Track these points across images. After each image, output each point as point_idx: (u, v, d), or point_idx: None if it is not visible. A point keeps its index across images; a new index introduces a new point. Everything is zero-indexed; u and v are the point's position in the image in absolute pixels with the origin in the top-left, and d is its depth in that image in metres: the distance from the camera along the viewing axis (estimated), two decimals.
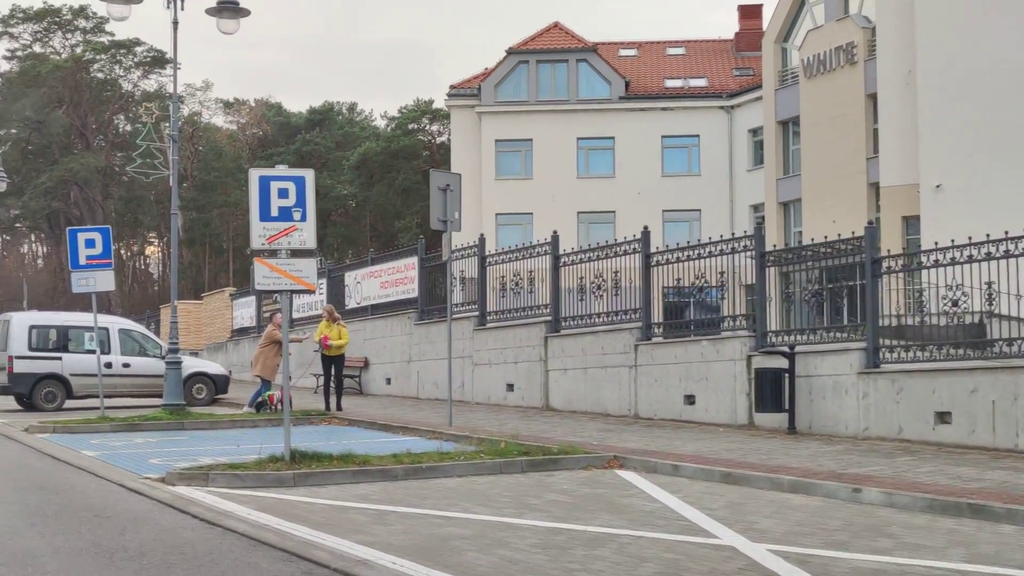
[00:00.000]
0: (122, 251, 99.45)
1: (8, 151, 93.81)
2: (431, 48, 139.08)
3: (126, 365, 28.73)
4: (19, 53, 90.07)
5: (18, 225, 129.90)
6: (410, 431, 19.62)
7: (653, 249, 20.86)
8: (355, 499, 12.30)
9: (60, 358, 28.25)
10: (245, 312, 39.71)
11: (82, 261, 22.92)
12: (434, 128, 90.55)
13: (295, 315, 33.67)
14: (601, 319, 21.81)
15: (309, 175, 14.76)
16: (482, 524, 10.58)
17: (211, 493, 12.71)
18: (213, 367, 30.73)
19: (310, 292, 15.64)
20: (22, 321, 28.54)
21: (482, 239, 26.16)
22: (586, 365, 22.00)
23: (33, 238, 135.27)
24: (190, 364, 29.68)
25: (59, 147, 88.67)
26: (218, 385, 30.02)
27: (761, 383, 17.55)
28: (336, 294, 31.96)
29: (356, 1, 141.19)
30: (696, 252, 19.69)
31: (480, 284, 25.44)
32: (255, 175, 14.61)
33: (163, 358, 28.09)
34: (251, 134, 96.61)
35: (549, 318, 23.17)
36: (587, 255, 22.31)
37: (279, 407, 24.78)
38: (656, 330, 20.83)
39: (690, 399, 19.64)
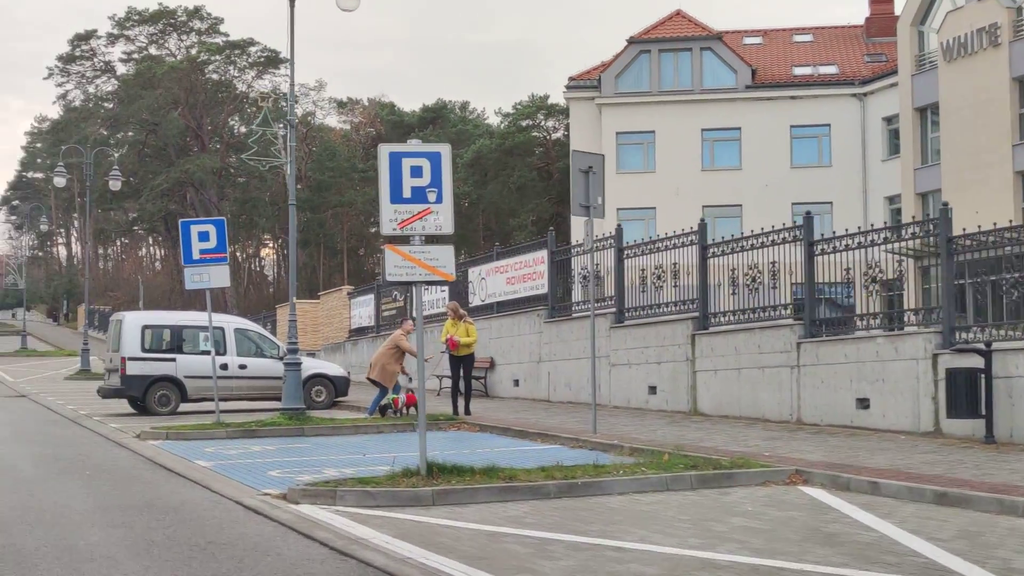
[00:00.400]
0: (238, 253, 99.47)
1: (125, 153, 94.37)
2: (542, 47, 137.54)
3: (242, 367, 27.37)
4: (135, 56, 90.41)
5: (136, 228, 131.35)
6: (550, 438, 17.79)
7: (816, 237, 18.77)
8: (506, 523, 10.49)
9: (174, 359, 26.99)
10: (363, 311, 38.29)
11: (195, 255, 21.50)
12: (549, 124, 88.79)
13: (414, 315, 32.05)
14: (756, 315, 19.74)
15: (445, 150, 13.05)
16: (670, 560, 8.67)
17: (339, 514, 11.02)
18: (332, 368, 29.23)
19: (446, 283, 13.85)
20: (135, 321, 27.36)
21: (619, 229, 24.22)
22: (739, 365, 19.95)
23: (151, 241, 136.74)
24: (309, 365, 28.24)
25: (175, 149, 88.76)
26: (337, 387, 28.53)
27: (953, 385, 15.35)
28: (458, 291, 30.28)
29: (466, 3, 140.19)
30: (868, 239, 17.55)
31: (617, 277, 23.52)
32: (385, 151, 12.91)
33: (281, 359, 26.75)
34: (364, 133, 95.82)
35: (696, 314, 21.16)
36: (739, 244, 20.27)
37: (405, 411, 23.15)
38: (819, 327, 18.70)
39: (863, 403, 17.49)
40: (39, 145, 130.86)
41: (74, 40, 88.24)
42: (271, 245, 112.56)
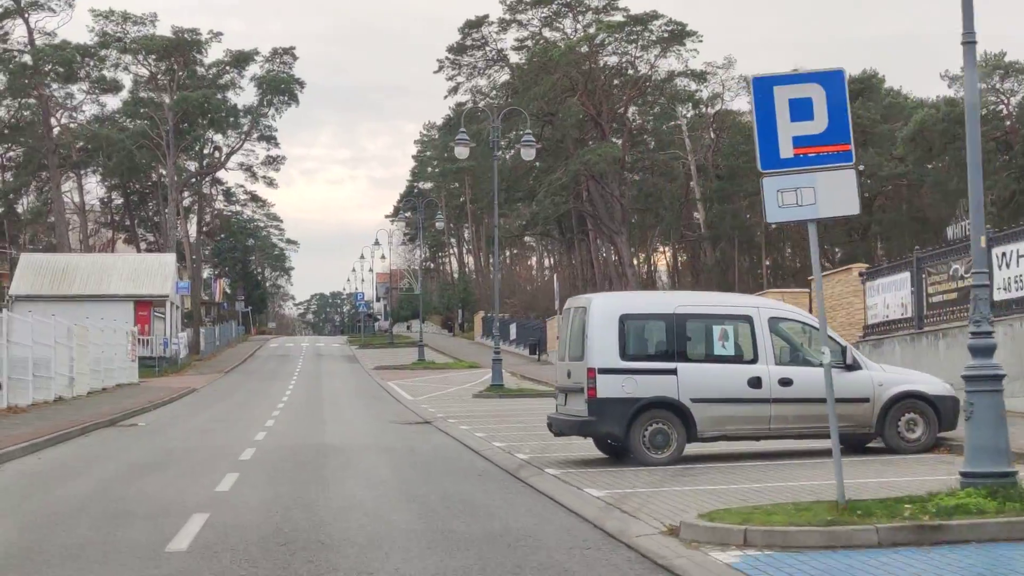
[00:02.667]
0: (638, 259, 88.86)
1: (516, 156, 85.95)
2: None
3: (785, 382, 15.81)
4: (527, 43, 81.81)
5: (527, 237, 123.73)
6: None
7: None
8: None
9: (674, 371, 15.78)
10: (890, 298, 26.00)
11: (786, 151, 10.09)
12: (1006, 86, 73.27)
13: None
14: None
15: None
16: None
17: None
18: (930, 383, 17.02)
19: None
20: (608, 308, 16.23)
21: None
22: None
23: (540, 249, 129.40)
24: (892, 379, 16.44)
25: (572, 140, 79.34)
26: (942, 415, 16.48)
27: None
28: None
29: None
30: None
31: None
32: None
33: (848, 367, 15.31)
34: None
35: None
36: None
37: None
38: None
39: None
40: (428, 154, 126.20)
41: (464, 28, 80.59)
42: (662, 249, 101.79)
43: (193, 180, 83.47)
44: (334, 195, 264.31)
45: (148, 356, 56.63)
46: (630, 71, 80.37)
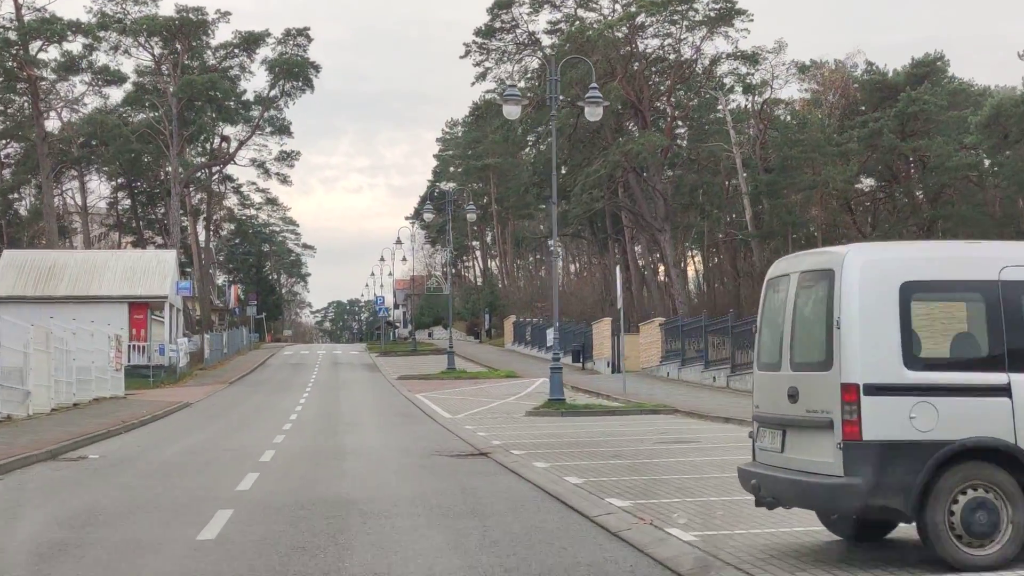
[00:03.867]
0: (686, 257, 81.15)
1: (549, 140, 78.41)
2: None
3: None
4: (562, 25, 74.24)
5: (553, 243, 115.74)
6: None
7: None
8: None
9: (1006, 388, 8.14)
10: None
11: None
12: None
13: None
14: None
15: None
16: None
17: None
18: None
19: None
20: (878, 272, 8.47)
21: None
22: None
23: (566, 253, 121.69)
24: None
25: (610, 130, 71.75)
26: None
27: None
28: None
29: None
30: None
31: None
32: None
33: None
34: (832, 102, 75.40)
35: None
36: None
37: None
38: None
39: None
40: (451, 152, 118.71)
41: (493, 8, 72.99)
42: (691, 253, 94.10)
43: (200, 174, 75.99)
44: (353, 203, 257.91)
45: (143, 365, 49.25)
46: (672, 55, 72.90)
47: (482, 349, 73.87)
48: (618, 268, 37.16)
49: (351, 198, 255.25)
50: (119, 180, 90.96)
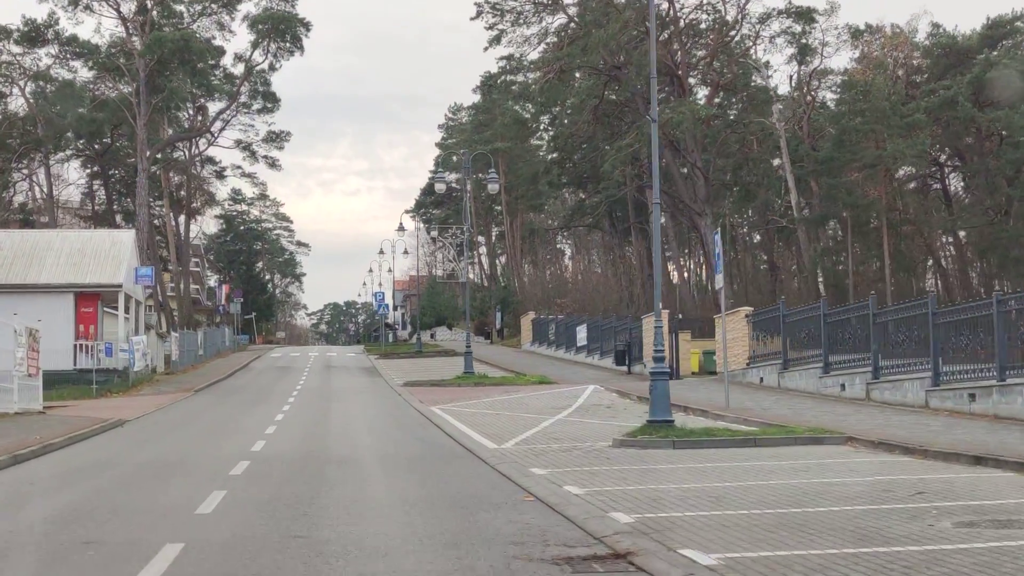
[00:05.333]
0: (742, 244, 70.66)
1: (571, 114, 68.15)
2: None
3: None
4: None
5: (562, 235, 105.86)
6: None
7: None
8: None
9: None
10: None
11: None
12: None
13: None
14: None
15: None
16: None
17: None
18: None
19: None
20: None
21: None
22: None
23: (572, 248, 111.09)
24: None
25: (642, 99, 61.43)
26: None
27: None
28: None
29: None
30: None
31: None
32: None
33: None
34: (893, 70, 65.04)
35: None
36: None
37: None
38: None
39: None
40: (454, 140, 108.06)
41: None
42: (727, 238, 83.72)
43: (179, 153, 65.55)
44: (351, 206, 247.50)
45: (93, 369, 39.01)
46: (713, 16, 62.67)
47: (496, 350, 63.39)
48: (718, 231, 26.68)
49: (349, 201, 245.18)
50: (94, 168, 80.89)
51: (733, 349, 32.56)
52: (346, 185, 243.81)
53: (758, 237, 78.96)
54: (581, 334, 50.93)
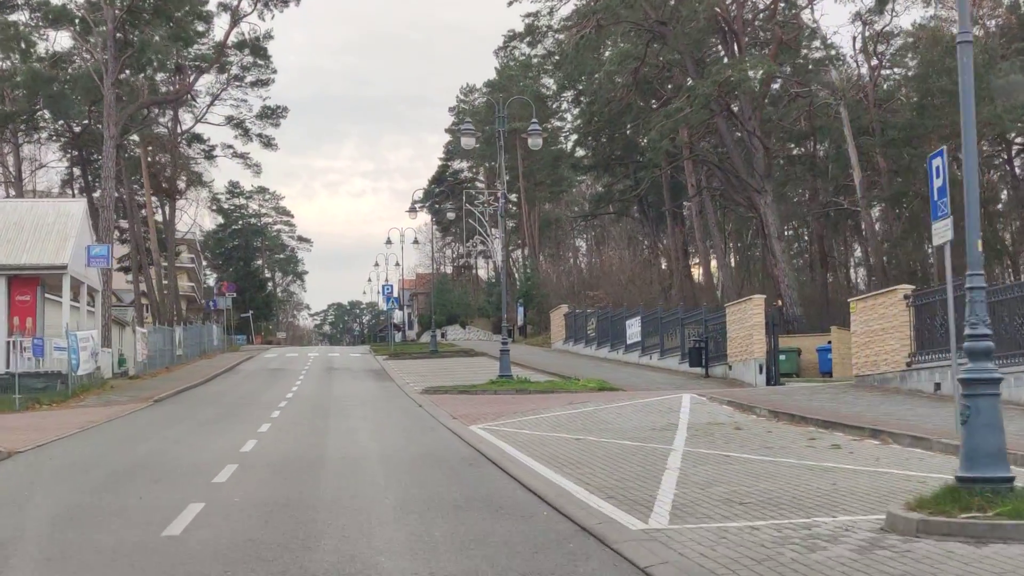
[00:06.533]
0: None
1: (603, 80, 58.83)
2: None
3: None
4: None
5: (587, 219, 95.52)
6: None
7: None
8: None
9: None
10: None
11: None
12: None
13: None
14: None
15: None
16: None
17: None
18: None
19: None
20: None
21: None
22: None
23: (585, 243, 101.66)
24: None
25: (692, 61, 52.28)
26: None
27: None
28: None
29: None
30: None
31: None
32: None
33: None
34: (982, 25, 55.66)
35: None
36: None
37: None
38: None
39: None
40: (466, 120, 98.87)
41: None
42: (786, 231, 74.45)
43: (154, 124, 56.30)
44: (356, 208, 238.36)
45: (35, 372, 30.03)
46: None
47: (523, 350, 53.96)
48: (942, 151, 17.62)
49: (354, 202, 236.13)
50: (72, 152, 71.90)
51: (883, 343, 23.26)
52: (351, 186, 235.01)
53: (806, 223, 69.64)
54: (632, 329, 41.68)
